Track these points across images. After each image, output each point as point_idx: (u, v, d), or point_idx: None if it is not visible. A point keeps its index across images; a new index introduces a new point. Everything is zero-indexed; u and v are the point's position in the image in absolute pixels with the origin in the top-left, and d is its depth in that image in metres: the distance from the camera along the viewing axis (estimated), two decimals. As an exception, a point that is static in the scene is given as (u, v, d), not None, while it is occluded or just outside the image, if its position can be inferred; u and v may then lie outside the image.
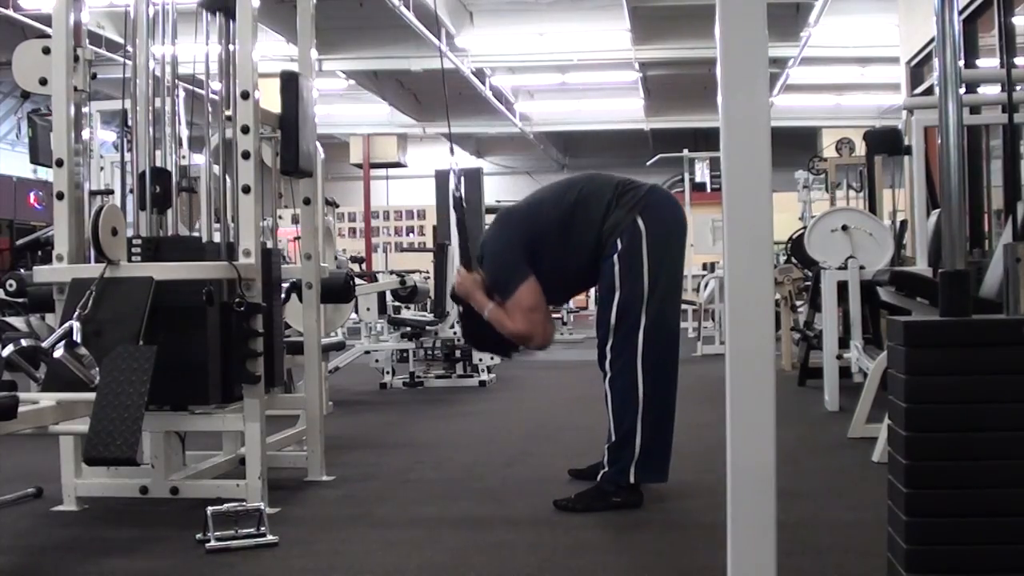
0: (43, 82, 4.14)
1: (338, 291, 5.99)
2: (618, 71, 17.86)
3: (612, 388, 4.11)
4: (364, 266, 14.85)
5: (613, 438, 4.10)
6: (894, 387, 2.41)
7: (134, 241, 4.20)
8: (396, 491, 4.58)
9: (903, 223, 9.23)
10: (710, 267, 15.59)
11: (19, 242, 7.14)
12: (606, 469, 4.12)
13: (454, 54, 15.01)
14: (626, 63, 17.02)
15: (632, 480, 4.07)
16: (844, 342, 6.73)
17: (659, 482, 4.14)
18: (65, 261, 4.13)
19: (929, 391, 2.30)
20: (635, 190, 4.19)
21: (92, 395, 3.45)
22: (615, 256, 4.10)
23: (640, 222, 4.10)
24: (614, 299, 4.09)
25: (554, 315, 16.23)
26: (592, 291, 18.64)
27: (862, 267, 6.61)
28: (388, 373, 9.12)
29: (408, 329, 9.23)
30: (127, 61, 4.43)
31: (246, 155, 4.11)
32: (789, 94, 18.39)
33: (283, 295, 5.01)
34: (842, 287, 6.65)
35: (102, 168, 8.28)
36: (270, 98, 4.40)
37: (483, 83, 17.40)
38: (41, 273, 4.26)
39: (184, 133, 4.76)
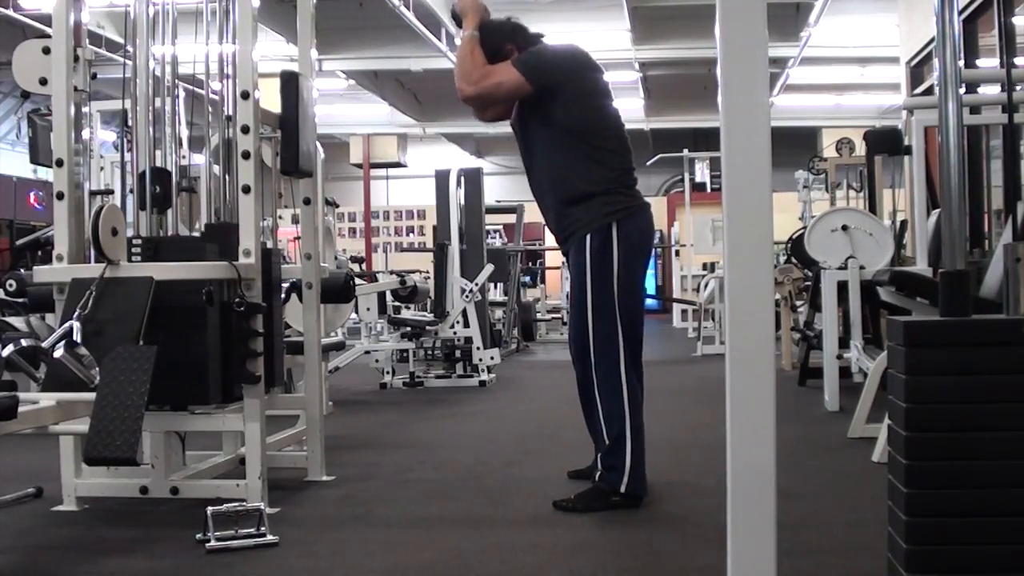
0: (43, 82, 4.14)
1: (338, 291, 5.98)
2: (618, 71, 17.80)
3: (600, 393, 4.13)
4: (364, 266, 14.85)
5: (607, 442, 4.12)
6: (894, 387, 2.41)
7: (134, 241, 4.20)
8: (396, 491, 4.58)
9: (903, 223, 9.23)
10: (710, 267, 15.59)
11: (19, 242, 7.14)
12: (607, 473, 4.13)
13: (454, 55, 15.00)
14: (626, 63, 16.99)
15: (623, 490, 4.08)
16: (844, 342, 6.73)
17: (644, 494, 4.14)
18: (65, 261, 4.13)
19: (929, 391, 2.30)
20: (630, 197, 4.21)
21: (92, 395, 3.45)
22: (587, 253, 4.12)
23: (614, 230, 4.11)
24: (587, 299, 4.12)
25: (554, 315, 16.27)
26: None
27: (862, 267, 6.61)
28: (388, 373, 9.11)
29: (408, 329, 9.23)
30: (127, 61, 4.43)
31: (246, 155, 4.11)
32: (789, 94, 18.38)
33: (283, 295, 5.00)
34: (842, 287, 6.65)
35: (102, 168, 8.28)
36: (270, 98, 4.40)
37: (483, 83, 17.37)
38: (41, 273, 4.26)
39: (184, 133, 4.76)
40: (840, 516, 3.93)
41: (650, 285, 19.37)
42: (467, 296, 9.32)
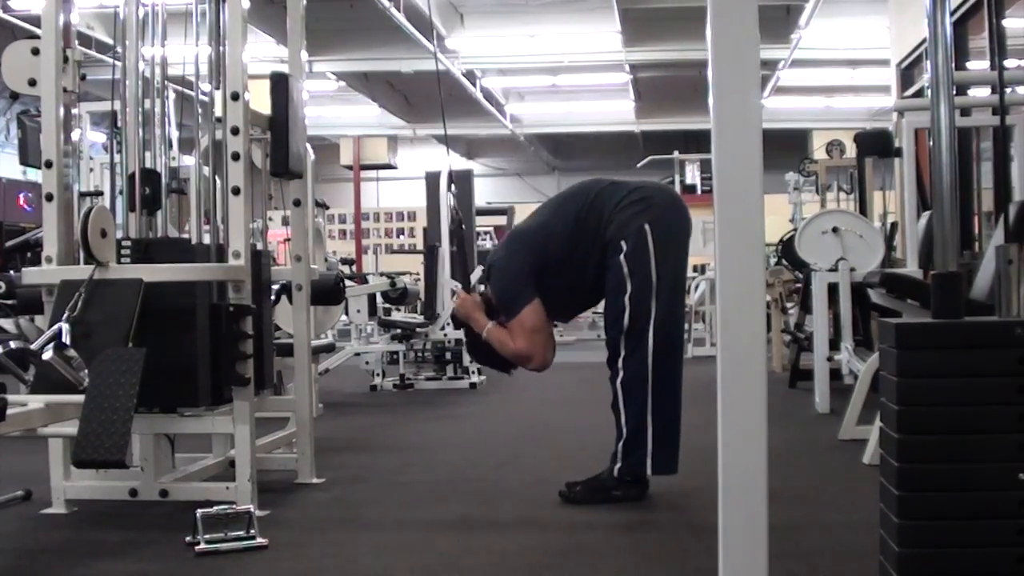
0: (32, 83, 4.13)
1: (328, 293, 5.98)
2: (609, 73, 17.85)
3: (623, 385, 4.16)
4: (354, 268, 14.84)
5: (625, 434, 4.15)
6: (886, 389, 2.40)
7: (123, 243, 4.19)
8: (386, 493, 4.57)
9: (893, 225, 9.25)
10: (701, 269, 15.59)
11: (8, 244, 7.11)
12: (619, 464, 4.17)
13: (445, 56, 14.99)
14: (617, 65, 17.01)
15: (649, 472, 4.15)
16: (834, 344, 6.73)
17: (671, 473, 4.19)
18: (54, 263, 4.11)
19: (921, 393, 2.30)
20: (643, 200, 4.23)
21: (81, 397, 3.43)
22: (621, 256, 4.15)
23: (647, 228, 4.15)
24: (625, 296, 4.15)
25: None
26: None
27: (852, 269, 6.62)
28: (378, 375, 9.10)
29: (398, 331, 9.22)
30: (117, 62, 4.42)
31: (236, 156, 4.10)
32: (779, 96, 18.40)
33: (273, 297, 4.99)
34: (832, 289, 6.66)
35: (92, 170, 8.29)
36: (260, 99, 4.39)
37: (474, 85, 17.38)
38: (30, 275, 4.25)
39: (174, 134, 4.74)
40: (831, 518, 3.93)
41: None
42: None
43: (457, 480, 4.84)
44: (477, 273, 9.86)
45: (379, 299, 9.49)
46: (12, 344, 3.58)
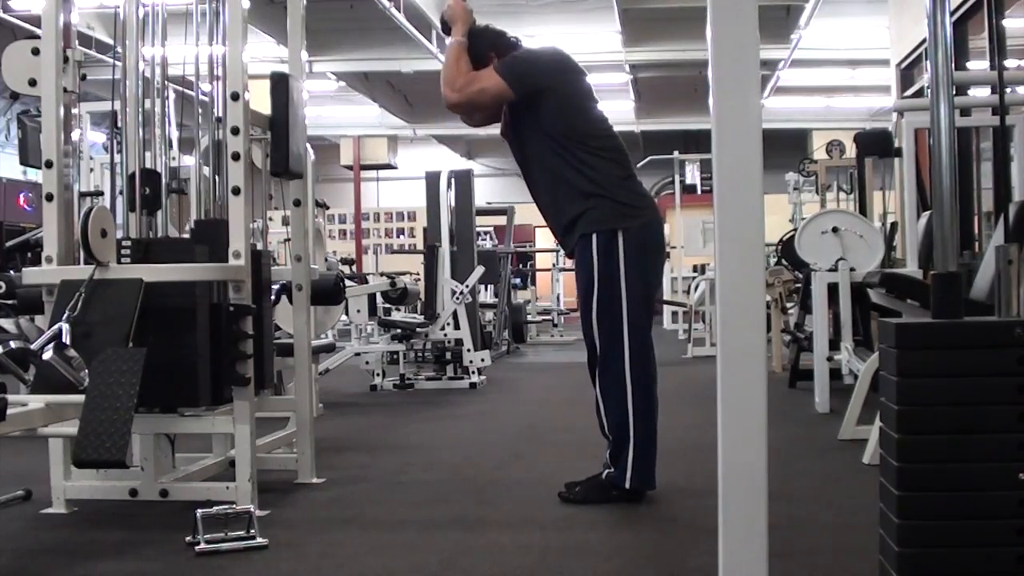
0: (32, 83, 4.13)
1: (328, 293, 5.98)
2: (608, 73, 17.81)
3: (604, 392, 4.19)
4: (354, 268, 14.84)
5: (611, 440, 4.18)
6: (886, 389, 2.40)
7: (123, 243, 4.19)
8: (386, 493, 4.57)
9: (893, 225, 9.25)
10: (700, 269, 15.60)
11: (8, 244, 7.10)
12: (611, 470, 4.20)
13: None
14: (616, 65, 17.00)
15: (628, 486, 4.14)
16: (834, 344, 6.73)
17: (650, 489, 4.19)
18: (55, 263, 4.12)
19: (922, 393, 2.30)
20: (630, 206, 4.22)
21: (81, 397, 3.43)
22: (592, 252, 4.15)
23: (620, 235, 4.14)
24: (593, 298, 4.17)
25: (544, 318, 16.24)
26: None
27: (852, 269, 6.62)
28: (378, 375, 9.11)
29: (398, 331, 9.22)
30: (117, 62, 4.42)
31: (236, 156, 4.10)
32: (779, 96, 18.39)
33: (273, 297, 5.00)
34: (832, 289, 6.66)
35: (92, 170, 8.28)
36: (260, 99, 4.39)
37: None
38: (30, 275, 4.25)
39: (174, 134, 4.75)
40: (831, 518, 3.93)
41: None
42: (457, 298, 9.31)
43: (457, 479, 4.84)
44: (477, 274, 9.89)
45: (379, 299, 9.49)
46: (12, 344, 3.58)
